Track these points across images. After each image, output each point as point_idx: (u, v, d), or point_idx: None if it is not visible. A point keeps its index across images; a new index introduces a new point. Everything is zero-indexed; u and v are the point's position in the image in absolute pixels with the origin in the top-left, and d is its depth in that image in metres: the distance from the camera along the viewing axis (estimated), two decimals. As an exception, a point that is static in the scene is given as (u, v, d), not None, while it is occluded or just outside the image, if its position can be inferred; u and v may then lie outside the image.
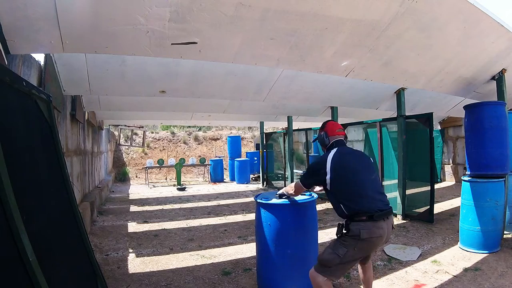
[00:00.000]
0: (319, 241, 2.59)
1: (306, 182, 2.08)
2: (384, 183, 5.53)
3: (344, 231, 1.87)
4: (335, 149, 2.00)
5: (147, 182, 11.06)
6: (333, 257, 1.81)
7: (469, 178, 3.47)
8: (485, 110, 3.50)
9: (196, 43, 2.44)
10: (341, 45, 2.78)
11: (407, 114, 5.08)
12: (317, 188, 2.41)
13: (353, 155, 2.05)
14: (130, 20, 2.10)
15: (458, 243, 3.57)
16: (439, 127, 9.30)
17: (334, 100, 5.62)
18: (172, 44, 2.41)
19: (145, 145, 12.64)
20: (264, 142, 9.95)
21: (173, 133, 14.61)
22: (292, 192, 2.25)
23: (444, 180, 9.27)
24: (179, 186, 9.87)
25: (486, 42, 3.10)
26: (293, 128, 8.38)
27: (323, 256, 1.88)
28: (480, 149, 3.50)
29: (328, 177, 1.91)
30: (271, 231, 2.38)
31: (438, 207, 5.47)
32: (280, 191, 2.43)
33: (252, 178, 11.26)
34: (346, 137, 2.18)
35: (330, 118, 6.56)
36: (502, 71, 3.72)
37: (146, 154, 13.49)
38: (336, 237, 1.92)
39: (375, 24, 2.54)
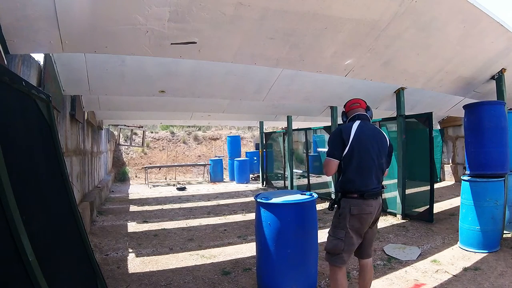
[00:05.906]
0: (319, 241, 2.59)
1: (334, 153, 1.99)
2: (384, 182, 5.51)
3: (335, 206, 2.04)
4: (358, 121, 2.02)
5: (146, 182, 11.07)
6: (336, 243, 1.93)
7: (469, 177, 3.47)
8: (485, 109, 3.50)
9: (196, 43, 2.44)
10: (340, 45, 2.78)
11: (406, 113, 5.09)
12: None
13: (373, 132, 2.04)
14: (130, 20, 2.10)
15: (458, 242, 3.58)
16: (438, 127, 9.29)
17: (333, 99, 5.62)
18: (171, 44, 2.41)
19: (145, 145, 12.65)
20: (264, 141, 9.94)
21: (172, 133, 14.60)
22: (328, 175, 2.09)
23: (444, 180, 9.27)
24: (179, 186, 9.88)
25: (485, 41, 3.10)
26: (293, 128, 8.37)
27: (328, 245, 1.99)
28: (479, 149, 3.50)
29: (348, 144, 1.95)
30: (271, 231, 2.39)
31: (438, 207, 5.47)
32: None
33: (251, 178, 11.27)
34: (368, 108, 2.15)
35: (330, 118, 6.57)
36: (501, 70, 3.73)
37: (145, 154, 13.49)
38: (332, 223, 2.04)
39: (374, 24, 2.54)
